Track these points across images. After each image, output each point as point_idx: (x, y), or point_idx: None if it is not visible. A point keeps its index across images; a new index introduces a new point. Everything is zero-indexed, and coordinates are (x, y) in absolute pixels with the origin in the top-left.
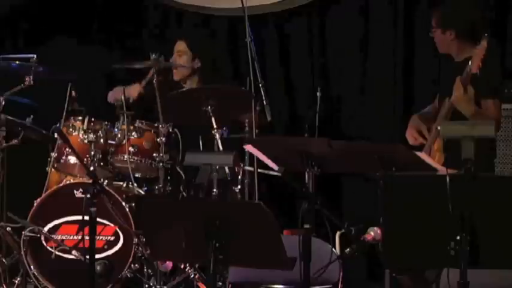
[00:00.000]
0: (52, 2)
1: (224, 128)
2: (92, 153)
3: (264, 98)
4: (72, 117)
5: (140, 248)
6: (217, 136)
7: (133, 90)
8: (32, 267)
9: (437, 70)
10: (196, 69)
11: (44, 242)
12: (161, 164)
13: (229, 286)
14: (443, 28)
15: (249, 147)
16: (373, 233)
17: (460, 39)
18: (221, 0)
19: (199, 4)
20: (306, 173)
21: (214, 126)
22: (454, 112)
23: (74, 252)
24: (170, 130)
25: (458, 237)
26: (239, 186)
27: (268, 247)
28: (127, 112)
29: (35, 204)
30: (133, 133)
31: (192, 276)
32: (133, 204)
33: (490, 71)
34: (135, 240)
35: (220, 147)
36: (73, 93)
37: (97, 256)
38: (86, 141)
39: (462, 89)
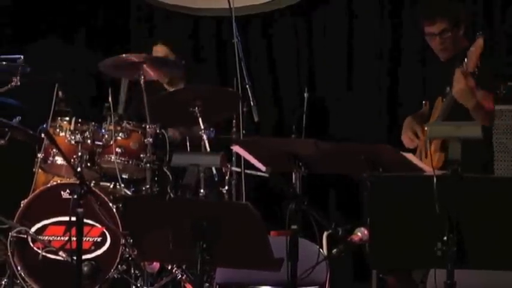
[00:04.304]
0: (39, 3)
1: (211, 129)
2: (79, 154)
3: (251, 98)
4: (59, 118)
5: (127, 249)
6: (204, 137)
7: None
8: (18, 268)
9: (423, 70)
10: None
11: (31, 243)
12: (148, 165)
13: (217, 287)
14: (458, 26)
15: (236, 148)
16: (360, 233)
17: (465, 33)
18: (208, 1)
19: (185, 5)
20: (293, 174)
21: (202, 126)
22: (454, 107)
23: (61, 253)
24: (157, 131)
25: (445, 238)
26: (226, 187)
27: (255, 248)
28: (114, 113)
29: (21, 205)
30: (121, 134)
31: (179, 277)
32: (120, 205)
33: (486, 68)
34: (122, 241)
35: (208, 148)
36: (60, 93)
37: (84, 257)
38: (73, 142)
39: (464, 81)
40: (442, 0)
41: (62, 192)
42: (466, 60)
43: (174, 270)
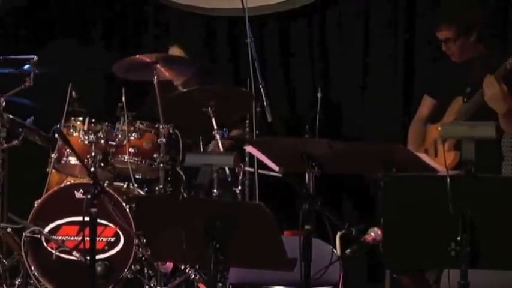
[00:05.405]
0: (54, 3)
1: (224, 129)
2: (93, 154)
3: (264, 98)
4: (72, 118)
5: (141, 249)
6: (218, 137)
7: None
8: (32, 268)
9: (438, 71)
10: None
11: (44, 243)
12: (161, 165)
13: (230, 287)
14: (467, 34)
15: (249, 148)
16: (374, 233)
17: (478, 39)
18: (221, 1)
19: (199, 5)
20: (307, 174)
21: (215, 127)
22: (479, 110)
23: (74, 253)
24: (171, 131)
25: (458, 238)
26: (239, 187)
27: (268, 248)
28: (127, 113)
29: (35, 205)
30: (134, 134)
31: (192, 277)
32: (133, 205)
33: None
34: (136, 241)
35: (221, 148)
36: (73, 94)
37: (97, 257)
38: (86, 142)
39: (498, 86)
40: (452, 8)
41: (76, 192)
42: (510, 58)
43: (187, 270)
